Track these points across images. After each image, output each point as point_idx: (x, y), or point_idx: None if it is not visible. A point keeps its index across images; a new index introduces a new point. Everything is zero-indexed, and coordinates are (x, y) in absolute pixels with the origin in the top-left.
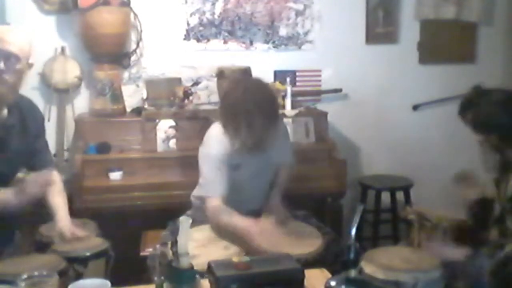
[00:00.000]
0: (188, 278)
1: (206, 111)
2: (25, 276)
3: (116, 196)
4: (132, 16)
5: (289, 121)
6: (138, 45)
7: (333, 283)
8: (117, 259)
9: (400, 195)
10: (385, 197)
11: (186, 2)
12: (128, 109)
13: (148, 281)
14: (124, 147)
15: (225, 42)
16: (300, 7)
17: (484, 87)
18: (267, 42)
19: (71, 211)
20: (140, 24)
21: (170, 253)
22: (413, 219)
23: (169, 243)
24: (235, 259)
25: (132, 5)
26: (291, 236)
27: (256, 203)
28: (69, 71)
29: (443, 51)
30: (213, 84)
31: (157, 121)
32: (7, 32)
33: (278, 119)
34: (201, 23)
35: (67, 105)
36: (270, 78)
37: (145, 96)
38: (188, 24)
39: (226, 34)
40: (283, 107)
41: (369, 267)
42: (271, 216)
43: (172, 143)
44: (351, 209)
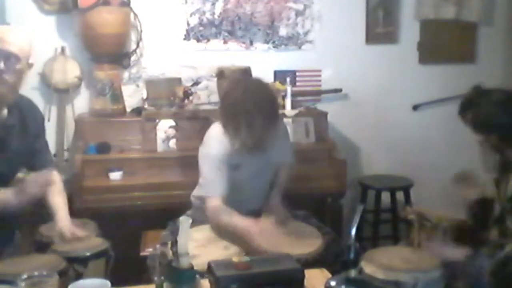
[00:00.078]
0: (188, 278)
1: (206, 111)
2: (25, 276)
3: (116, 196)
4: (132, 16)
5: (289, 121)
6: (138, 45)
7: (333, 283)
8: (117, 259)
9: (400, 195)
10: (385, 197)
11: (186, 2)
12: (128, 109)
13: (148, 281)
14: (124, 147)
15: (225, 42)
16: (300, 7)
17: (484, 87)
18: (267, 42)
19: (71, 211)
20: (140, 24)
21: (170, 253)
22: (413, 219)
23: (169, 243)
24: (235, 259)
25: (132, 5)
26: (291, 236)
27: (256, 203)
28: (69, 71)
29: (443, 51)
30: (213, 84)
31: (157, 121)
32: (7, 32)
33: (278, 119)
34: (201, 23)
35: (67, 105)
36: (270, 78)
37: (145, 96)
38: (188, 24)
39: (226, 34)
40: (283, 107)
41: (369, 267)
42: (271, 216)
43: (172, 143)
44: (351, 209)
